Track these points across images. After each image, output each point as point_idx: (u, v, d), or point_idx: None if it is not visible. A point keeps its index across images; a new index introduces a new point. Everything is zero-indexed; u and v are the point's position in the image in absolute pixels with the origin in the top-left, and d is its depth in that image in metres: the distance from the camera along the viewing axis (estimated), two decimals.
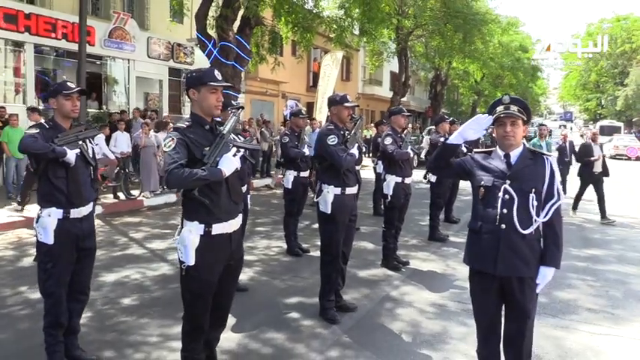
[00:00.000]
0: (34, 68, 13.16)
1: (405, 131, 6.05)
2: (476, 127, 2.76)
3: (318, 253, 6.39)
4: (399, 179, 5.81)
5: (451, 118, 8.61)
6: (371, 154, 11.81)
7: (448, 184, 7.91)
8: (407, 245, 7.06)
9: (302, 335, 4.04)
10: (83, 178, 3.35)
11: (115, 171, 9.97)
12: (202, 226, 2.65)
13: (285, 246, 6.67)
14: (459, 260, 6.13)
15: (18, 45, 12.84)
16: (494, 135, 2.84)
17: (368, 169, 11.75)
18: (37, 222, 3.24)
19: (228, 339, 3.78)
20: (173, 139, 2.57)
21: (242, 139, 3.81)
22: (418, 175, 7.74)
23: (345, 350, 3.78)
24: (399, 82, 23.62)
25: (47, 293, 3.28)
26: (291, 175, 6.49)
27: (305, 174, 6.64)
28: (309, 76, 26.67)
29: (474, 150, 2.99)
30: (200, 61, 16.29)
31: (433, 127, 11.80)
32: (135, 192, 10.25)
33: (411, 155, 5.94)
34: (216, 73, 2.74)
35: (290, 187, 6.48)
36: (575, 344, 3.98)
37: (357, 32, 18.22)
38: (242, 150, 2.82)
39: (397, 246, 6.11)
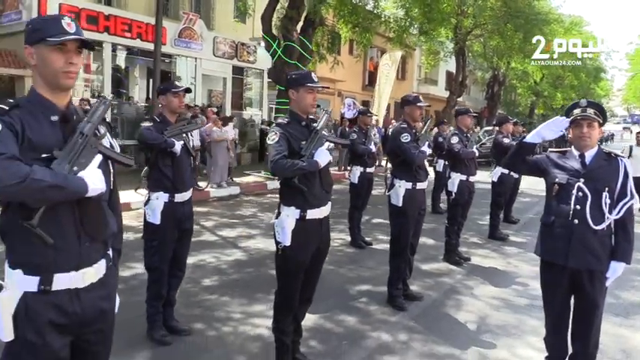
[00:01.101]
0: (110, 66, 14.00)
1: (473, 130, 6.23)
2: (554, 128, 2.95)
3: (380, 246, 6.66)
4: (464, 177, 6.00)
5: (514, 119, 8.65)
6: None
7: (509, 184, 7.96)
8: (467, 242, 7.18)
9: (371, 319, 4.33)
10: (185, 166, 3.75)
11: None
12: (298, 211, 2.97)
13: (348, 238, 6.97)
14: (521, 258, 6.29)
15: (95, 44, 13.67)
16: (569, 136, 3.02)
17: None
18: (146, 204, 3.66)
19: (305, 318, 4.10)
20: (276, 133, 2.91)
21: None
22: (479, 174, 7.83)
23: (413, 334, 4.04)
24: (455, 81, 23.44)
25: (152, 267, 3.69)
26: (357, 170, 6.77)
27: (371, 169, 6.92)
28: (365, 74, 26.85)
29: (549, 149, 3.18)
30: (262, 59, 16.81)
31: (490, 127, 11.78)
32: (202, 183, 10.78)
33: (477, 154, 6.11)
34: (314, 75, 3.04)
35: (356, 181, 6.77)
36: None
37: (415, 32, 18.27)
38: (332, 144, 3.12)
39: (459, 242, 6.29)
